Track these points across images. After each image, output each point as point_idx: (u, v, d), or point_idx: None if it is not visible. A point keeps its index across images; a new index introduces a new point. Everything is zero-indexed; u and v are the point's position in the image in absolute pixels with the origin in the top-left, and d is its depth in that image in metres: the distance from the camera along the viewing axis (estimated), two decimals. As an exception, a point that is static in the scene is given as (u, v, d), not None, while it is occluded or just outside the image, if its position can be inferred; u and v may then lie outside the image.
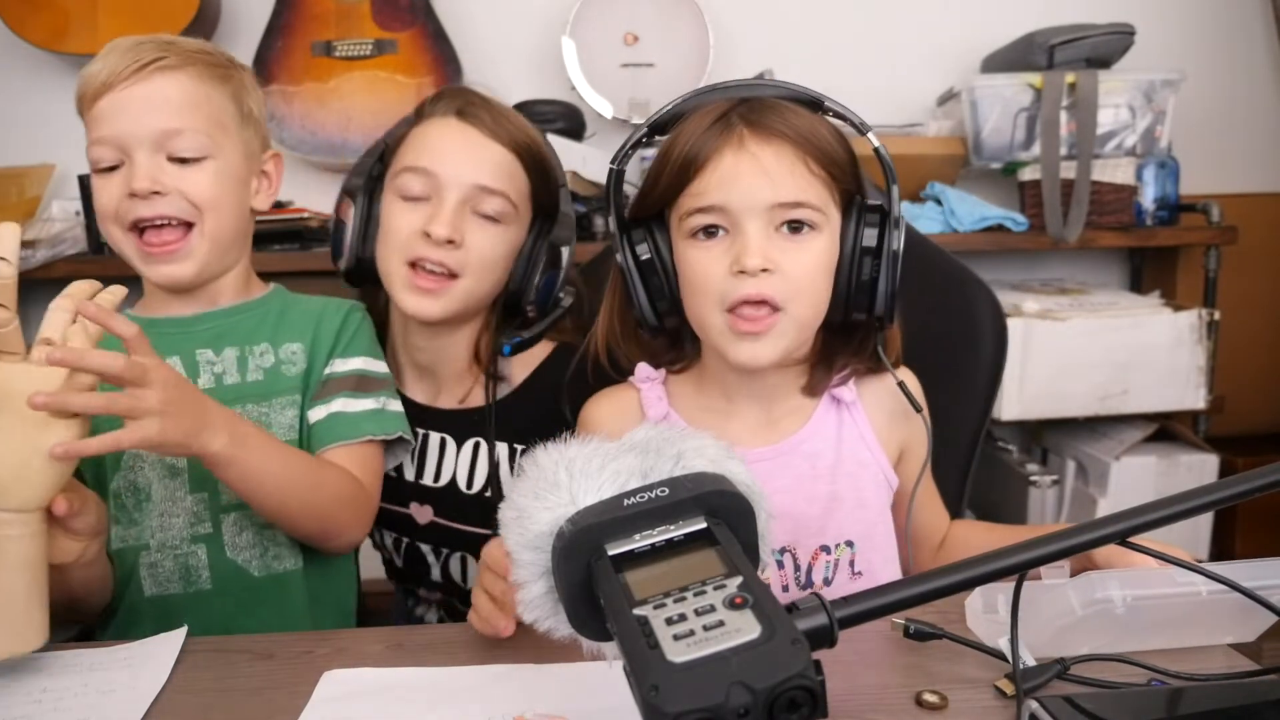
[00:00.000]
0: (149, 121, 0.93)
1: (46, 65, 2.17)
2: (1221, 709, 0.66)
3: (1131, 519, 0.59)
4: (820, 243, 0.87)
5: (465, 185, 1.03)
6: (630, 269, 0.92)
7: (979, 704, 0.69)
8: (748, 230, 0.85)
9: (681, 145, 0.87)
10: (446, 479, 1.13)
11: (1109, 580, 0.71)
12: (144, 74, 0.93)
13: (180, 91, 0.95)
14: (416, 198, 1.04)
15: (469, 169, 1.04)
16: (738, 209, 0.85)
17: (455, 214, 1.03)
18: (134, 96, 0.93)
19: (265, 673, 0.78)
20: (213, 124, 0.97)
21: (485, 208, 1.04)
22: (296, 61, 2.11)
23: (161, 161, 0.94)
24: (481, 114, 1.05)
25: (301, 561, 1.01)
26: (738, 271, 0.85)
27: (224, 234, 0.99)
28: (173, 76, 0.95)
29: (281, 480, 0.90)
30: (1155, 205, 2.12)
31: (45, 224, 2.06)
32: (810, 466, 0.95)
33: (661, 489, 0.56)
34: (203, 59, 0.97)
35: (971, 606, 0.79)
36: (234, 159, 0.99)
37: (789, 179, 0.85)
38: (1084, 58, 2.06)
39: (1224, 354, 2.10)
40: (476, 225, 1.05)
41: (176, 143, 0.94)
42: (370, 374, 1.04)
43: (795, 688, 0.44)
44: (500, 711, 0.69)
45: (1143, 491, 2.03)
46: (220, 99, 0.98)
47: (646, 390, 0.98)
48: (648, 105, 2.19)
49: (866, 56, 2.30)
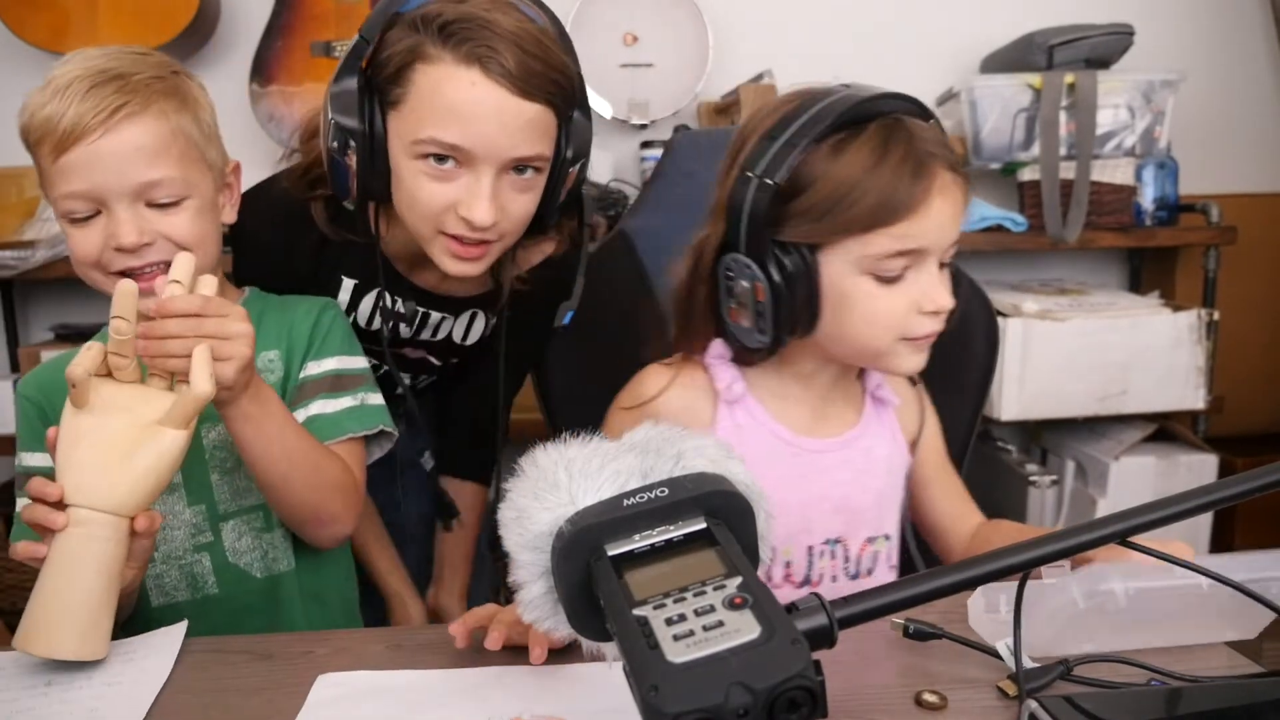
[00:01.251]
0: (126, 175, 0.90)
1: (46, 65, 2.16)
2: (1221, 709, 0.66)
3: (1131, 519, 0.59)
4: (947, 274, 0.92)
5: (502, 159, 0.94)
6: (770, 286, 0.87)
7: (979, 704, 0.69)
8: (933, 270, 0.88)
9: (888, 182, 0.85)
10: (442, 336, 1.20)
11: (1110, 573, 0.71)
12: (111, 123, 0.89)
13: (152, 137, 0.91)
14: (444, 162, 0.94)
15: (504, 141, 0.93)
16: (933, 251, 0.87)
17: (494, 193, 0.95)
18: (104, 150, 0.89)
19: (265, 673, 0.78)
20: (185, 162, 0.93)
21: (525, 167, 0.96)
22: (296, 61, 2.11)
23: (141, 210, 0.92)
24: (508, 60, 0.90)
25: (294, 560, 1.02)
26: (927, 311, 0.88)
27: (207, 264, 0.96)
28: (140, 121, 0.90)
29: (292, 451, 0.90)
30: (1154, 205, 2.12)
31: (45, 224, 2.06)
32: (867, 461, 0.99)
33: (661, 489, 0.56)
34: (159, 87, 0.93)
35: (973, 606, 0.79)
36: (206, 189, 0.96)
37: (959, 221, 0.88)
38: (1083, 58, 2.06)
39: (1223, 354, 2.10)
40: (513, 191, 0.97)
41: (155, 192, 0.92)
42: (346, 372, 1.03)
43: (795, 688, 0.44)
44: (498, 713, 0.69)
45: (1142, 491, 2.03)
46: (186, 128, 0.94)
47: (720, 369, 0.96)
48: (647, 105, 2.19)
49: (866, 56, 2.30)
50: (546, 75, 0.93)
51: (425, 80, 0.93)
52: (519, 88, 0.91)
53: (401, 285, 1.14)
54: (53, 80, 0.91)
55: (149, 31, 2.01)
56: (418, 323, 1.17)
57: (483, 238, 0.97)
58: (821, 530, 0.98)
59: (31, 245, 1.97)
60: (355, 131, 0.95)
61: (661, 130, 2.17)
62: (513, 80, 0.91)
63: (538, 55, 0.92)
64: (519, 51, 0.91)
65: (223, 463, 0.98)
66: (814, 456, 0.97)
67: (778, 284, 0.87)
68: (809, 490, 0.97)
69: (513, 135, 0.93)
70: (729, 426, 0.95)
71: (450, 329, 1.20)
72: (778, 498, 0.57)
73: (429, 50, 0.92)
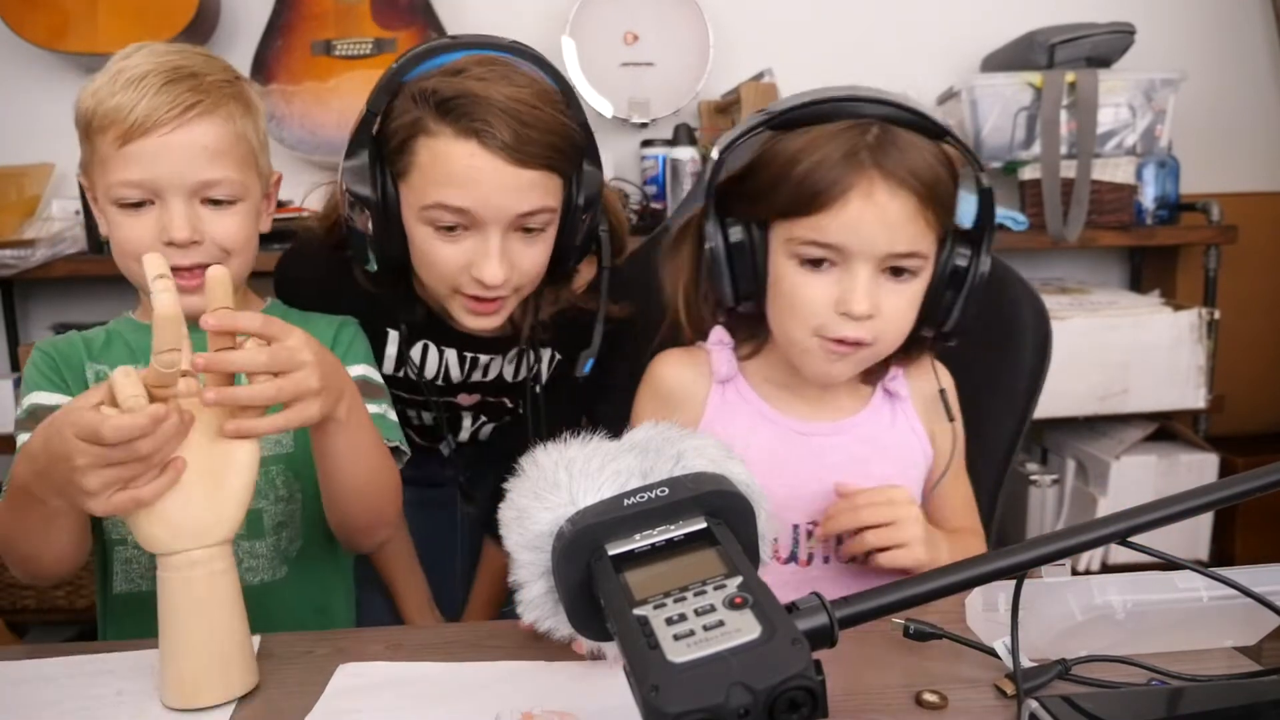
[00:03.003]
0: (188, 172, 0.92)
1: (46, 65, 2.17)
2: (1221, 709, 0.66)
3: (1131, 519, 0.59)
4: (918, 285, 0.92)
5: (506, 219, 0.98)
6: (720, 252, 0.93)
7: (979, 704, 0.69)
8: (859, 274, 0.88)
9: (806, 172, 0.88)
10: (493, 376, 1.20)
11: (1108, 585, 0.71)
12: (184, 120, 0.91)
13: (217, 137, 0.93)
14: (453, 228, 0.99)
15: (509, 202, 0.97)
16: (854, 253, 0.88)
17: (503, 251, 0.99)
18: (172, 144, 0.91)
19: (265, 672, 0.78)
20: (244, 166, 0.96)
21: (530, 224, 1.00)
22: (296, 61, 2.11)
23: (196, 206, 0.93)
24: (503, 133, 0.95)
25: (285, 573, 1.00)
26: (842, 312, 0.88)
27: (246, 269, 0.99)
28: (210, 121, 0.93)
29: (374, 456, 0.89)
30: (1155, 204, 2.12)
31: (45, 223, 2.06)
32: (865, 449, 0.99)
33: (661, 489, 0.56)
34: (229, 90, 0.95)
35: (971, 606, 0.79)
36: (257, 195, 0.99)
37: (907, 230, 0.88)
38: (1084, 57, 2.06)
39: (1224, 354, 2.10)
40: (522, 245, 1.01)
41: (212, 191, 0.94)
42: (372, 381, 1.03)
43: (795, 688, 0.44)
44: (509, 707, 0.70)
45: (1143, 491, 2.03)
46: (248, 134, 0.97)
47: (717, 353, 1.00)
48: (647, 105, 2.19)
49: (866, 56, 2.30)
50: (543, 141, 0.97)
51: (428, 152, 0.97)
52: (515, 157, 0.96)
53: (444, 331, 1.15)
54: (123, 71, 0.92)
55: (148, 31, 2.01)
56: (465, 370, 1.19)
57: (497, 294, 1.02)
58: (809, 510, 0.97)
59: (31, 245, 1.97)
60: (370, 201, 0.99)
61: (662, 129, 2.17)
62: (509, 151, 0.95)
63: (532, 124, 0.96)
64: (514, 122, 0.95)
65: None
66: (801, 438, 0.99)
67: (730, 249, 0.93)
68: (796, 471, 0.98)
69: (514, 196, 0.98)
70: (718, 403, 1.00)
71: (501, 369, 1.20)
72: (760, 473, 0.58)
73: (429, 124, 0.97)
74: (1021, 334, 1.14)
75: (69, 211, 2.09)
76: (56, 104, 2.20)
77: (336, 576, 1.08)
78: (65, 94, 2.43)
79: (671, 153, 2.09)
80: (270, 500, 0.99)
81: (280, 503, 1.00)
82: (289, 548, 1.01)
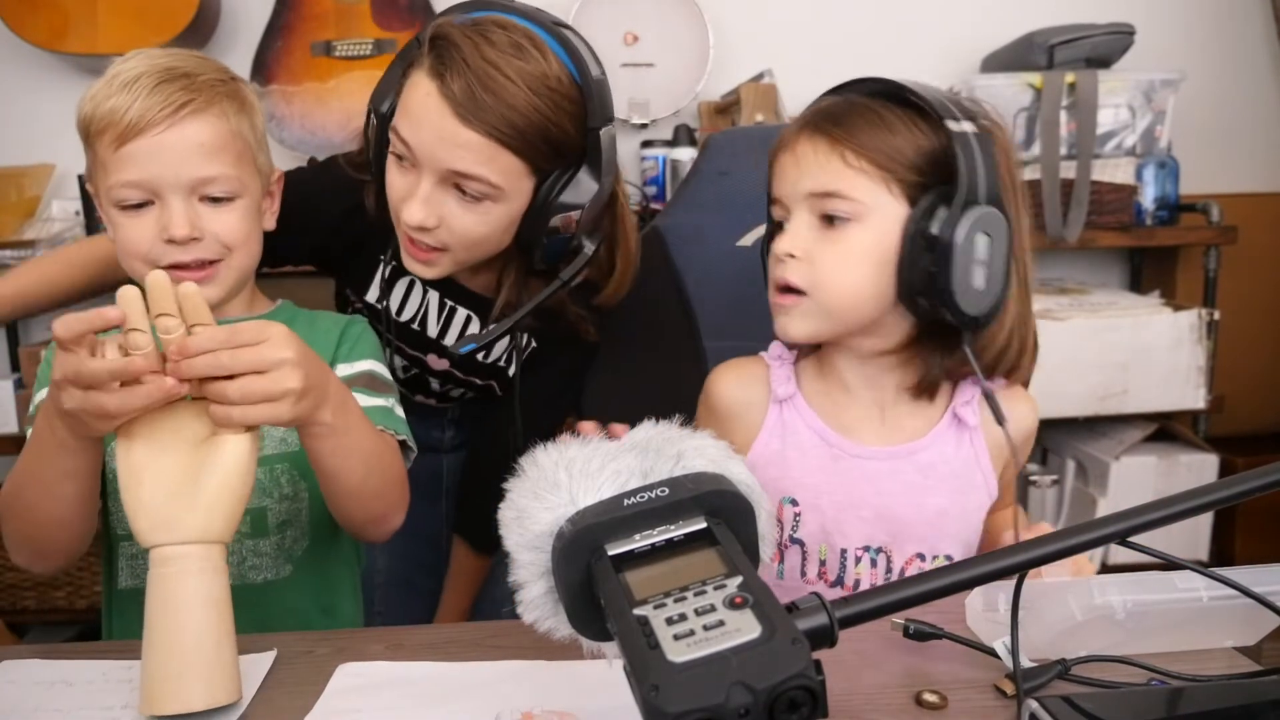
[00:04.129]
0: (184, 170, 0.92)
1: (46, 65, 2.17)
2: (1221, 709, 0.66)
3: (1131, 519, 0.59)
4: (858, 234, 0.88)
5: (438, 168, 1.01)
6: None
7: (979, 704, 0.69)
8: (792, 220, 0.91)
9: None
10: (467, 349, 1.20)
11: (1108, 585, 0.71)
12: (176, 118, 0.92)
13: (212, 134, 0.94)
14: (402, 159, 1.03)
15: (443, 154, 1.00)
16: (786, 200, 0.92)
17: (429, 196, 1.02)
18: (166, 143, 0.92)
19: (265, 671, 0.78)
20: (240, 161, 0.97)
21: (466, 187, 1.02)
22: (296, 61, 2.11)
23: (195, 204, 0.94)
24: (457, 86, 0.97)
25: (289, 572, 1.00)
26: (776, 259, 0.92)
27: (249, 265, 1.00)
28: (203, 119, 0.93)
29: (369, 453, 0.87)
30: (1155, 205, 2.12)
31: (45, 224, 2.06)
32: (923, 477, 0.94)
33: (661, 489, 0.56)
34: (222, 89, 0.96)
35: (971, 606, 0.79)
36: (256, 191, 0.99)
37: (822, 171, 0.88)
38: (1084, 58, 2.06)
39: (1224, 354, 2.10)
40: (456, 205, 1.03)
41: (210, 188, 0.94)
42: (379, 376, 1.03)
43: (795, 687, 0.44)
44: (510, 707, 0.70)
45: (1143, 491, 2.03)
46: (243, 130, 0.97)
47: (776, 368, 0.99)
48: (648, 105, 2.19)
49: (866, 56, 2.29)
50: (497, 110, 0.98)
51: (408, 82, 1.02)
52: (457, 112, 0.98)
53: None
54: (118, 75, 0.93)
55: (149, 31, 2.01)
56: (442, 321, 1.20)
57: (427, 241, 1.04)
58: (858, 536, 0.95)
59: (31, 245, 1.97)
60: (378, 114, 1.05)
61: (662, 130, 2.17)
62: (455, 103, 0.98)
63: (494, 90, 0.97)
64: (474, 80, 0.97)
65: None
66: (856, 461, 0.95)
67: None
68: (847, 493, 0.95)
69: (449, 150, 0.99)
70: (776, 422, 0.97)
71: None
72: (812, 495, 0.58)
73: (420, 57, 1.01)
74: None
75: (69, 212, 2.09)
76: (56, 104, 2.21)
77: (343, 576, 1.08)
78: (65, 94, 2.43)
79: (671, 153, 2.09)
80: (274, 498, 0.99)
81: (285, 501, 0.99)
82: (293, 546, 1.01)
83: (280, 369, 0.73)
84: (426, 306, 1.20)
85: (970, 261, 0.84)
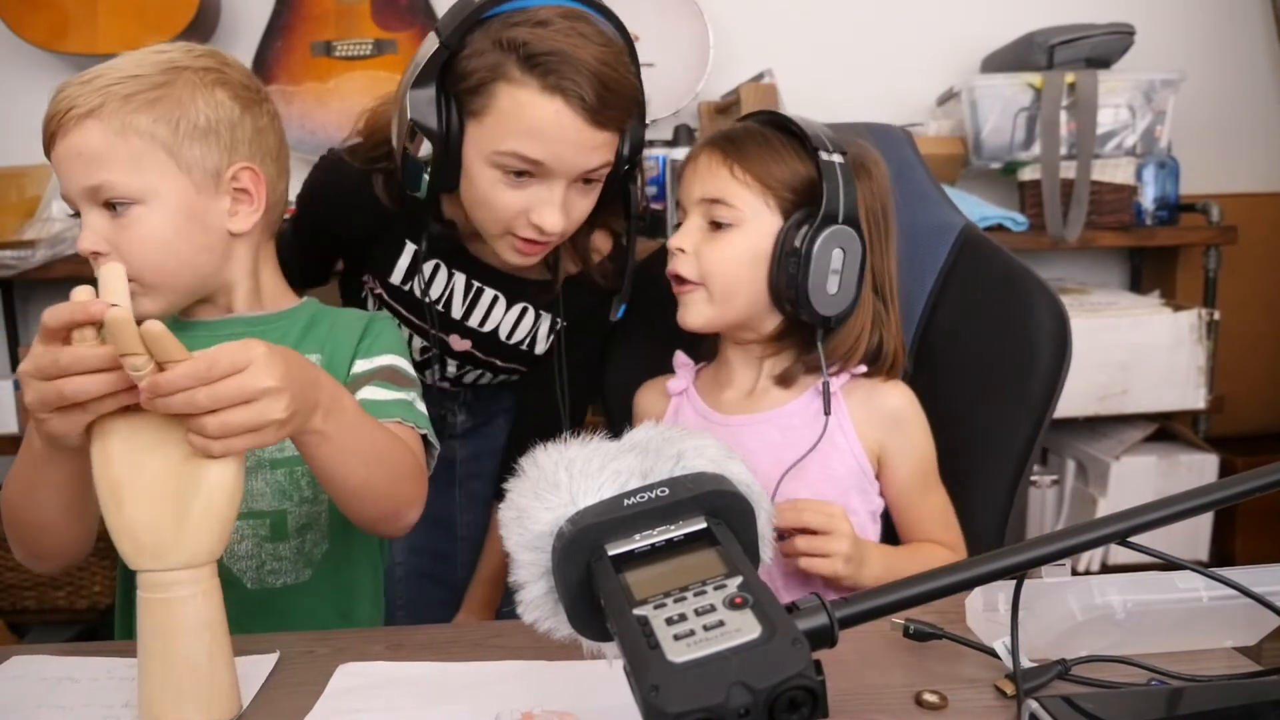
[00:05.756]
0: (75, 179, 0.89)
1: (46, 65, 2.17)
2: (1221, 709, 0.66)
3: (1131, 519, 0.59)
4: (740, 238, 1.02)
5: (574, 174, 1.03)
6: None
7: (979, 704, 0.69)
8: (687, 221, 1.06)
9: None
10: (490, 327, 1.23)
11: (1108, 585, 0.71)
12: (65, 126, 0.88)
13: (97, 137, 0.87)
14: (520, 174, 1.02)
15: (582, 159, 1.02)
16: (685, 203, 1.07)
17: (563, 202, 1.04)
18: (63, 152, 0.89)
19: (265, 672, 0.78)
20: (134, 164, 0.88)
21: (592, 177, 1.06)
22: (296, 61, 2.11)
23: (101, 214, 0.89)
24: (589, 95, 0.98)
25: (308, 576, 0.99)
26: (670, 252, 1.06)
27: (177, 276, 0.92)
28: (86, 124, 0.87)
29: (369, 454, 0.83)
30: (1155, 205, 2.12)
31: (45, 224, 2.06)
32: (782, 437, 1.05)
33: (661, 489, 0.56)
34: (123, 88, 0.88)
35: (971, 606, 0.79)
36: (175, 193, 0.90)
37: (711, 180, 1.03)
38: (1084, 58, 2.06)
39: (1224, 354, 2.10)
40: (577, 196, 1.06)
41: (102, 195, 0.88)
42: (401, 370, 1.00)
43: (796, 688, 0.44)
44: (509, 707, 0.70)
45: (1143, 491, 2.03)
46: (144, 128, 0.88)
47: (677, 374, 1.15)
48: (648, 105, 2.18)
49: (867, 56, 2.30)
50: (621, 105, 1.02)
51: (509, 100, 0.99)
52: (596, 119, 1.00)
53: (461, 256, 1.19)
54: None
55: (149, 31, 2.01)
56: (468, 302, 1.21)
57: (549, 239, 1.07)
58: None
59: (31, 245, 1.97)
60: (434, 134, 1.02)
61: (662, 130, 2.17)
62: (591, 112, 0.99)
63: (614, 88, 1.00)
64: (599, 85, 0.99)
65: None
66: (730, 430, 1.07)
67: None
68: None
69: (587, 154, 1.02)
70: (671, 414, 1.14)
71: (500, 320, 1.22)
72: None
73: (514, 73, 0.99)
74: (1037, 338, 1.10)
75: (69, 212, 2.08)
76: (56, 104, 2.21)
77: (364, 580, 1.06)
78: (65, 94, 2.39)
79: (672, 153, 2.09)
80: (294, 502, 0.97)
81: (304, 504, 0.98)
82: (313, 550, 0.99)
83: (263, 399, 0.69)
84: (453, 288, 1.21)
85: (826, 270, 0.99)
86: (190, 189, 0.91)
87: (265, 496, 0.96)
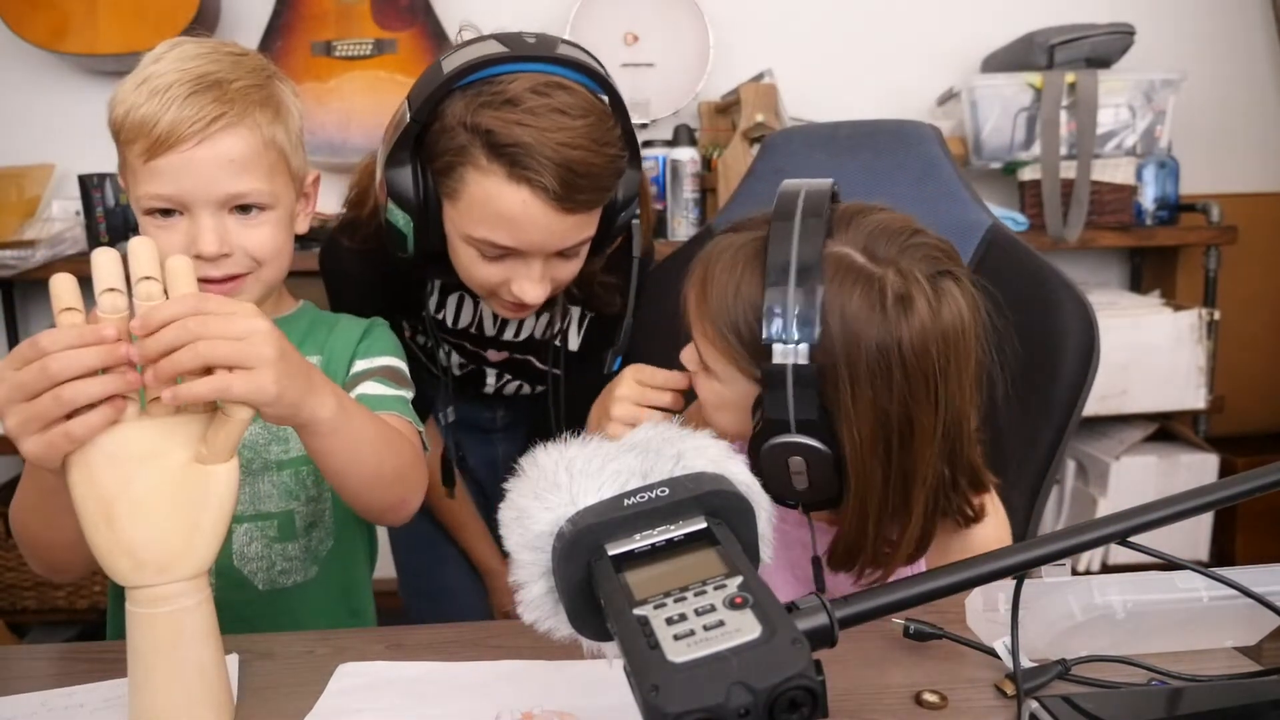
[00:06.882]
0: (215, 187, 0.90)
1: (46, 65, 2.17)
2: (1222, 709, 0.66)
3: (1131, 519, 0.59)
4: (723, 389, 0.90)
5: (549, 252, 1.02)
6: None
7: (979, 704, 0.69)
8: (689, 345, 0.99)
9: None
10: (524, 336, 1.26)
11: (1108, 585, 0.71)
12: (207, 133, 0.88)
13: (244, 148, 0.90)
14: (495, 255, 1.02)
15: (555, 241, 1.01)
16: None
17: (542, 275, 1.03)
18: (198, 158, 0.89)
19: (265, 672, 0.78)
20: (273, 173, 0.94)
21: (571, 253, 1.05)
22: (296, 61, 2.11)
23: (225, 218, 0.91)
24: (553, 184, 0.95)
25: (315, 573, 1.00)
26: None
27: (277, 278, 0.98)
28: (235, 133, 0.90)
29: (378, 446, 0.85)
30: (1155, 205, 2.12)
31: (45, 224, 2.06)
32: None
33: (662, 489, 0.56)
34: (256, 96, 0.92)
35: (971, 606, 0.79)
36: (289, 200, 0.97)
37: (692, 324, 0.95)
38: (1084, 58, 2.07)
39: (1224, 354, 2.10)
40: (560, 265, 1.05)
41: (242, 201, 0.92)
42: (399, 370, 1.02)
43: (796, 688, 0.44)
44: (510, 706, 0.70)
45: (1143, 491, 2.04)
46: (277, 138, 0.94)
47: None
48: (648, 105, 2.19)
49: (867, 56, 2.30)
50: (592, 187, 0.99)
51: (478, 188, 0.98)
52: (564, 206, 0.97)
53: None
54: (149, 79, 0.89)
55: (148, 31, 2.02)
56: (498, 324, 1.24)
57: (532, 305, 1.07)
58: None
59: (31, 245, 1.97)
60: (414, 208, 1.01)
61: (662, 130, 2.17)
62: (559, 200, 0.96)
63: (583, 173, 0.96)
64: (565, 173, 0.95)
65: (248, 464, 0.96)
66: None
67: None
68: None
69: (559, 236, 1.01)
70: None
71: (532, 328, 1.25)
72: None
73: (480, 160, 0.96)
74: (1062, 339, 1.06)
75: (69, 212, 2.10)
76: (56, 104, 2.21)
77: (364, 577, 1.07)
78: (65, 94, 2.43)
79: (672, 153, 2.09)
80: (301, 500, 0.98)
81: (311, 503, 0.99)
82: (319, 548, 1.01)
83: (253, 337, 0.68)
84: (480, 314, 1.24)
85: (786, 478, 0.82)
86: (294, 196, 0.98)
87: (273, 498, 0.97)
